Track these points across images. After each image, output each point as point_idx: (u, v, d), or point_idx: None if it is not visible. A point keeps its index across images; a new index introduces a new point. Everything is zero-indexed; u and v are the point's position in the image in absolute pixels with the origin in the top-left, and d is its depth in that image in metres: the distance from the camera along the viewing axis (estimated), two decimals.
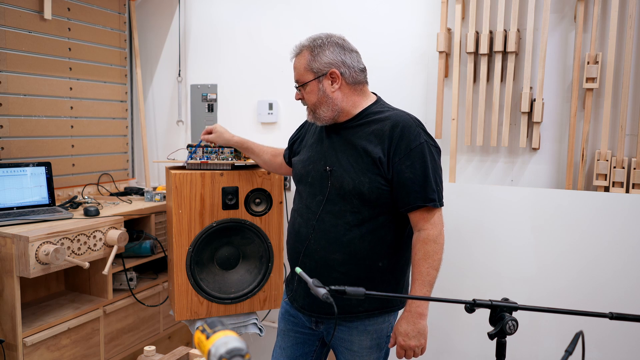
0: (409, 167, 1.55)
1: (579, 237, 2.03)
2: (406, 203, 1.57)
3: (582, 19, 2.07)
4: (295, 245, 1.73)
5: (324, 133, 1.74)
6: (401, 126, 1.58)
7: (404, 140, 1.56)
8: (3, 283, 1.99)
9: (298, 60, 1.68)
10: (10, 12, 2.38)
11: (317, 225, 1.64)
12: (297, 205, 1.77)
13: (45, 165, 2.38)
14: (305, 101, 1.69)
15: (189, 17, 2.99)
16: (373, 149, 1.58)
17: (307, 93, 1.67)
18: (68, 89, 2.69)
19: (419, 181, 1.55)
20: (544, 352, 2.09)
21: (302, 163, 1.77)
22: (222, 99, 2.94)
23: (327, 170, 1.64)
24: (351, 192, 1.59)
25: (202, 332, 0.85)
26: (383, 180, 1.58)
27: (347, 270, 1.62)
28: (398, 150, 1.56)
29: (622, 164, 2.02)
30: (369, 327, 1.69)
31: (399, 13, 2.45)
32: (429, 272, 1.55)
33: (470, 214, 2.20)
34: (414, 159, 1.55)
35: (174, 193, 2.10)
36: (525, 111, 2.15)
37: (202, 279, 2.16)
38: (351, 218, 1.60)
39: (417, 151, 1.56)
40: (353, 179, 1.59)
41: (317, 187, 1.67)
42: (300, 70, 1.68)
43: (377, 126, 1.61)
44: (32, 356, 2.05)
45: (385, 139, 1.57)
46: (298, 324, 1.80)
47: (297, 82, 1.70)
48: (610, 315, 1.17)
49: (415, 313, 1.55)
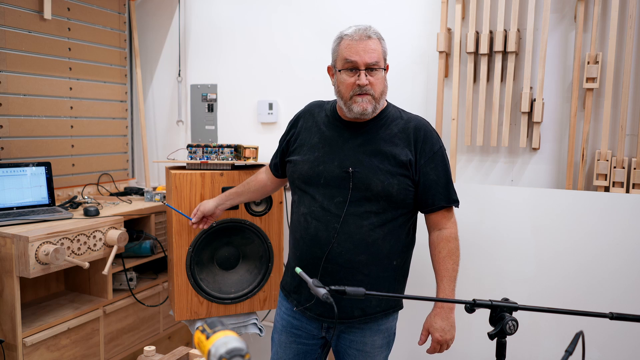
0: (433, 170, 1.61)
1: (579, 237, 2.03)
2: (431, 204, 1.63)
3: (582, 19, 2.07)
4: (312, 251, 1.63)
5: (334, 132, 1.67)
6: (424, 130, 1.63)
7: (428, 143, 1.62)
8: (3, 283, 1.99)
9: (375, 44, 1.57)
10: (10, 12, 2.38)
11: (340, 228, 1.59)
12: (308, 208, 1.66)
13: (45, 165, 2.38)
14: (372, 87, 1.56)
15: (189, 17, 2.99)
16: (400, 151, 1.60)
17: (378, 79, 1.58)
18: (68, 89, 2.69)
19: (442, 183, 1.63)
20: (544, 352, 2.09)
21: (308, 164, 1.67)
22: (222, 99, 2.94)
23: (349, 171, 1.59)
24: (379, 193, 1.58)
25: (202, 332, 0.85)
26: (410, 181, 1.61)
27: (369, 271, 1.62)
28: (423, 153, 1.61)
29: (622, 164, 2.02)
30: (382, 327, 1.70)
31: (399, 13, 2.45)
32: (454, 268, 1.64)
33: (470, 214, 2.20)
34: (437, 162, 1.62)
35: (174, 193, 2.10)
36: (525, 111, 2.15)
37: (202, 279, 2.16)
38: (375, 219, 1.60)
39: (439, 154, 1.63)
40: (382, 180, 1.58)
41: (335, 189, 1.61)
42: (379, 53, 1.57)
43: (399, 128, 1.63)
44: (32, 356, 2.05)
45: (411, 141, 1.61)
46: (302, 335, 1.75)
47: (376, 64, 1.56)
48: (610, 315, 1.17)
49: (447, 308, 1.63)
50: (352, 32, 1.57)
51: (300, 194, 1.71)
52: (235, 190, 2.01)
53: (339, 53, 1.59)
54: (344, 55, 1.57)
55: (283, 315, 1.78)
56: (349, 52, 1.56)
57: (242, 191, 2.00)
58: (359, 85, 1.55)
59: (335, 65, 1.63)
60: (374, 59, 1.55)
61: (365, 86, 1.55)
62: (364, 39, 1.56)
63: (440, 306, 1.63)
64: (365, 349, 1.69)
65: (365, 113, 1.58)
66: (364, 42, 1.55)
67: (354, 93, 1.57)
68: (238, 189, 2.01)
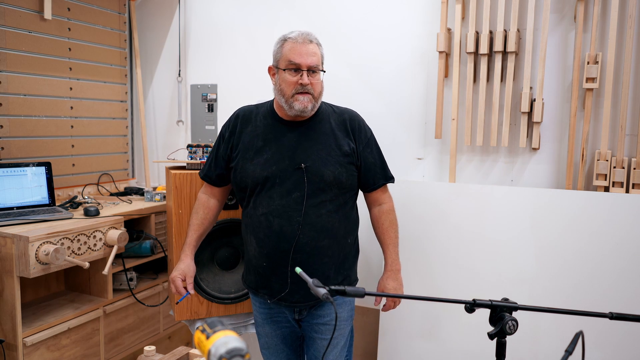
0: (370, 154, 1.83)
1: (578, 237, 2.03)
2: (372, 184, 1.84)
3: (582, 19, 2.07)
4: (279, 245, 1.72)
5: (277, 132, 1.76)
6: (357, 120, 1.84)
7: (362, 132, 1.83)
8: (3, 283, 1.99)
9: (316, 48, 1.73)
10: (10, 12, 2.38)
11: (303, 220, 1.71)
12: (267, 208, 1.72)
13: (45, 165, 2.38)
14: (312, 88, 1.70)
15: (189, 17, 3.00)
16: (343, 142, 1.77)
17: (317, 81, 1.73)
18: (68, 89, 2.69)
19: (379, 164, 1.85)
20: (544, 352, 2.09)
21: (259, 166, 1.73)
22: (222, 99, 2.94)
23: (302, 167, 1.71)
24: (332, 183, 1.73)
25: (202, 332, 0.85)
26: (354, 167, 1.80)
27: (332, 252, 1.77)
28: (360, 141, 1.81)
29: (622, 164, 2.02)
30: (345, 299, 1.85)
31: (399, 13, 2.45)
32: (396, 235, 1.87)
33: (470, 214, 2.20)
34: (372, 147, 1.85)
35: (174, 193, 2.10)
36: (525, 111, 2.15)
37: (202, 279, 2.16)
38: (331, 206, 1.75)
39: (372, 140, 1.86)
40: (332, 170, 1.73)
41: (291, 185, 1.72)
42: (319, 56, 1.73)
43: (335, 122, 1.81)
44: (32, 356, 2.05)
45: (349, 131, 1.80)
46: (282, 320, 1.88)
47: (317, 67, 1.71)
48: (610, 315, 1.17)
49: (395, 270, 1.86)
50: (295, 36, 1.71)
51: (255, 196, 1.77)
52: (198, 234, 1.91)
53: (283, 54, 1.72)
54: (288, 57, 1.70)
55: (259, 309, 1.90)
56: (293, 54, 1.69)
57: (207, 226, 1.94)
58: (301, 84, 1.68)
59: (277, 65, 1.74)
60: (315, 62, 1.70)
61: (307, 85, 1.69)
62: (306, 43, 1.70)
63: (390, 269, 1.85)
64: (332, 322, 1.83)
65: (305, 111, 1.71)
66: (306, 46, 1.70)
67: (296, 91, 1.69)
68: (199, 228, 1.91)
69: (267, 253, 1.75)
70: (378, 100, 2.51)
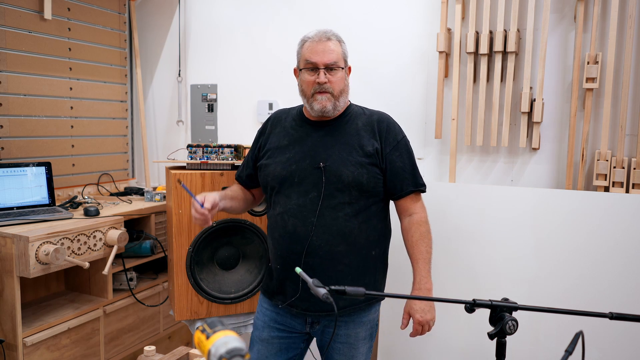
0: (398, 157, 1.71)
1: (578, 237, 2.03)
2: (399, 190, 1.72)
3: (582, 19, 2.07)
4: (292, 247, 1.67)
5: (302, 132, 1.74)
6: (386, 121, 1.75)
7: (391, 133, 1.73)
8: (3, 283, 1.99)
9: (335, 45, 1.68)
10: (10, 12, 2.38)
11: (317, 222, 1.64)
12: (284, 207, 1.70)
13: (45, 165, 2.38)
14: (332, 86, 1.66)
15: (189, 17, 3.00)
16: (367, 142, 1.69)
17: (338, 79, 1.68)
18: (68, 89, 2.69)
19: (409, 169, 1.73)
20: (544, 352, 2.09)
21: (281, 164, 1.72)
22: (222, 99, 2.94)
23: (320, 166, 1.66)
24: (350, 183, 1.65)
25: (202, 332, 0.85)
26: (378, 170, 1.70)
27: (349, 261, 1.68)
28: (387, 142, 1.71)
29: (622, 164, 2.02)
30: (364, 319, 1.75)
31: (399, 13, 2.45)
32: (428, 250, 1.71)
33: (470, 214, 2.20)
34: (402, 150, 1.73)
35: (174, 193, 2.10)
36: (525, 111, 2.15)
37: (202, 279, 2.16)
38: (349, 209, 1.66)
39: (402, 143, 1.74)
40: (352, 171, 1.65)
41: (309, 185, 1.67)
42: (338, 54, 1.68)
43: (363, 122, 1.73)
44: (32, 356, 2.05)
45: (375, 132, 1.72)
46: (284, 330, 1.78)
47: (335, 64, 1.66)
48: (610, 315, 1.17)
49: (425, 289, 1.68)
50: (313, 35, 1.70)
51: (275, 196, 1.75)
52: (230, 194, 1.87)
53: (302, 55, 1.71)
54: (305, 56, 1.68)
55: (265, 311, 1.81)
56: (310, 53, 1.67)
57: (234, 196, 1.88)
58: (318, 82, 1.65)
59: (298, 66, 1.74)
60: (332, 59, 1.66)
61: (324, 84, 1.65)
62: (323, 41, 1.67)
63: (418, 288, 1.68)
64: (349, 340, 1.74)
65: (325, 111, 1.67)
66: (323, 44, 1.67)
67: (314, 91, 1.67)
68: (230, 192, 1.89)
69: (281, 254, 1.71)
70: (378, 100, 2.50)
